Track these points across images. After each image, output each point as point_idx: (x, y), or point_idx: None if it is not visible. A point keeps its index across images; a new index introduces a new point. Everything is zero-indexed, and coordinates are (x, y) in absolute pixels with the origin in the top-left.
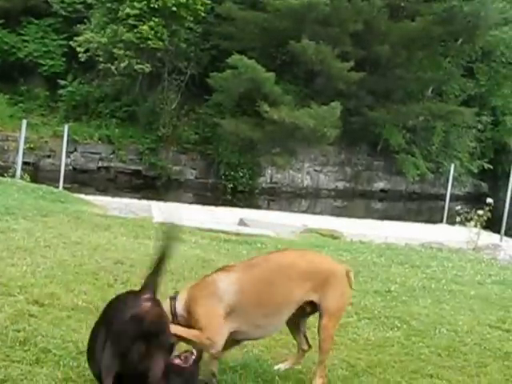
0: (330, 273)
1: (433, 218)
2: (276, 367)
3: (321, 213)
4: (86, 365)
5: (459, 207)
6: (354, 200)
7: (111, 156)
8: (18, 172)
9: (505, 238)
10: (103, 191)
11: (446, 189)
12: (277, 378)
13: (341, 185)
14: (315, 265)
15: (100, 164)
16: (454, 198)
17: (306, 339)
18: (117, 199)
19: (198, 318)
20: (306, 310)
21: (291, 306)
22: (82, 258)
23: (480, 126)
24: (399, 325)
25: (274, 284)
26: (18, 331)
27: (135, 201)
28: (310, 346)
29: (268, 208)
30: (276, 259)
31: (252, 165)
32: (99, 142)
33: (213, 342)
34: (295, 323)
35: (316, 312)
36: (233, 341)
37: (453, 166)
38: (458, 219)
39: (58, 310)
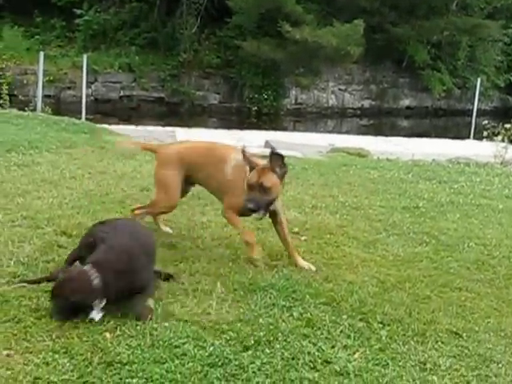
0: None
1: (460, 133)
2: None
3: (347, 132)
4: None
5: (486, 122)
6: (380, 118)
7: (133, 84)
8: (39, 105)
9: None
10: (126, 120)
11: (473, 104)
12: (307, 296)
13: (366, 103)
14: None
15: (122, 93)
16: (481, 113)
17: None
18: (140, 127)
19: None
20: None
21: None
22: (108, 188)
23: (506, 40)
24: (428, 240)
25: None
26: (48, 262)
27: (159, 128)
28: None
29: (294, 129)
30: None
31: (276, 86)
32: (120, 70)
33: None
34: None
35: None
36: None
37: (479, 80)
38: (485, 134)
39: None
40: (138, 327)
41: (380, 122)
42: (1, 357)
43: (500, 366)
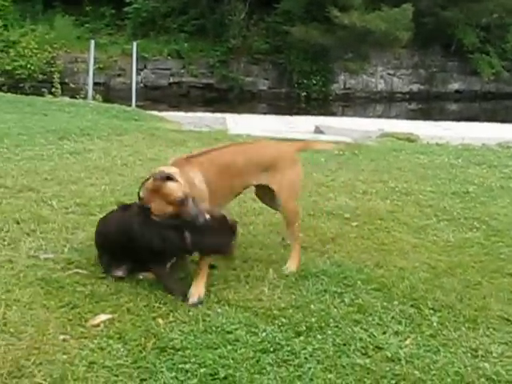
0: (277, 157)
1: (509, 117)
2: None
3: (396, 116)
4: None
5: None
6: (428, 102)
7: (182, 71)
8: (90, 93)
9: None
10: (176, 107)
11: None
12: (359, 282)
13: (415, 87)
14: (262, 153)
15: (171, 80)
16: None
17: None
18: (190, 114)
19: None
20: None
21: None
22: None
23: None
24: (478, 225)
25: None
26: None
27: (209, 114)
28: None
29: (342, 114)
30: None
31: (325, 72)
32: (169, 57)
33: None
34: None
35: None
36: None
37: None
38: None
39: None
40: (191, 313)
41: (429, 106)
42: (57, 341)
43: None
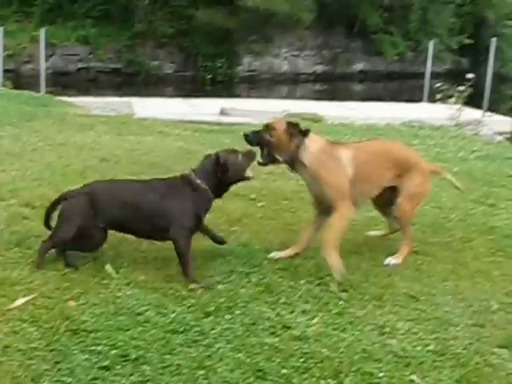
0: (414, 163)
1: (413, 96)
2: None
3: (301, 97)
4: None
5: (439, 84)
6: (333, 83)
7: (90, 56)
8: None
9: (487, 113)
10: (85, 92)
11: (426, 67)
12: (265, 262)
13: (319, 68)
14: (403, 154)
15: (79, 65)
16: (434, 76)
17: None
18: (99, 98)
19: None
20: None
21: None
22: (69, 159)
23: (459, 1)
24: None
25: (374, 165)
26: (13, 233)
27: (116, 99)
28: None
29: (248, 96)
30: (376, 145)
31: (229, 54)
32: (76, 43)
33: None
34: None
35: None
36: None
37: (432, 43)
38: (438, 96)
39: None
40: (101, 295)
41: (333, 86)
42: None
43: (458, 329)
